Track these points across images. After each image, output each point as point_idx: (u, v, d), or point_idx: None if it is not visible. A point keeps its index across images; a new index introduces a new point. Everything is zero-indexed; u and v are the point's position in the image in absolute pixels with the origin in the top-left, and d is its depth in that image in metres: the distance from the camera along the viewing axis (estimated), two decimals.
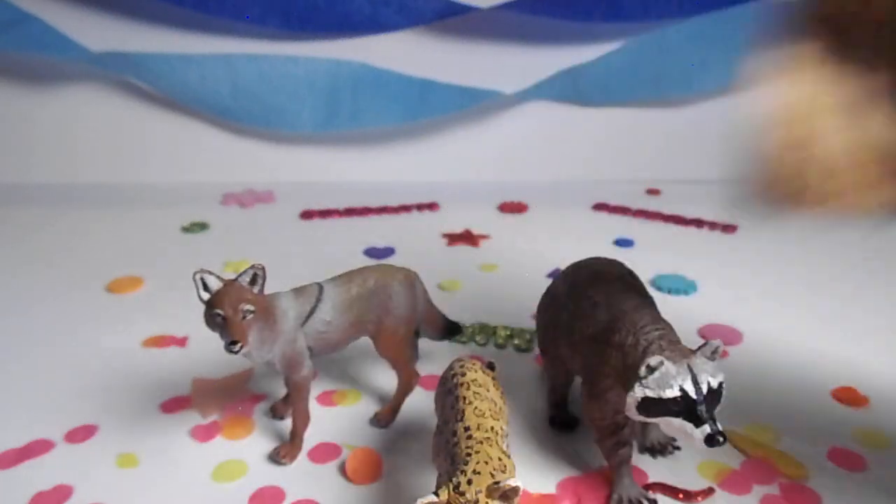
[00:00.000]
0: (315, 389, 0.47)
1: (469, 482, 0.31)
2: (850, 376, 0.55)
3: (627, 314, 0.40)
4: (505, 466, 0.33)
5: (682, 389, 0.35)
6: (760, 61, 0.34)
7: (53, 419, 0.50)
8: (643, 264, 0.59)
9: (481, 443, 0.33)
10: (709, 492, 0.42)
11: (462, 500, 0.30)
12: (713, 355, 0.37)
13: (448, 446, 0.35)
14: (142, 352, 0.60)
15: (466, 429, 0.35)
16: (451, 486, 0.31)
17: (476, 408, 0.36)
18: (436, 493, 0.30)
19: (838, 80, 0.30)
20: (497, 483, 0.30)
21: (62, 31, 1.06)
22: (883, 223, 0.22)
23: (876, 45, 0.29)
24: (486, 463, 0.32)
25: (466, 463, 0.32)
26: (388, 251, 0.83)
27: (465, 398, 0.37)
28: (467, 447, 0.33)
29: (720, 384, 0.36)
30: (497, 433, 0.35)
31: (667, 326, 0.40)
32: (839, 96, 0.30)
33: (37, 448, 0.47)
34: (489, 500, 0.30)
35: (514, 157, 1.19)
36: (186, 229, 0.93)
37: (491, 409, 0.37)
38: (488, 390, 0.38)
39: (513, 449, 0.45)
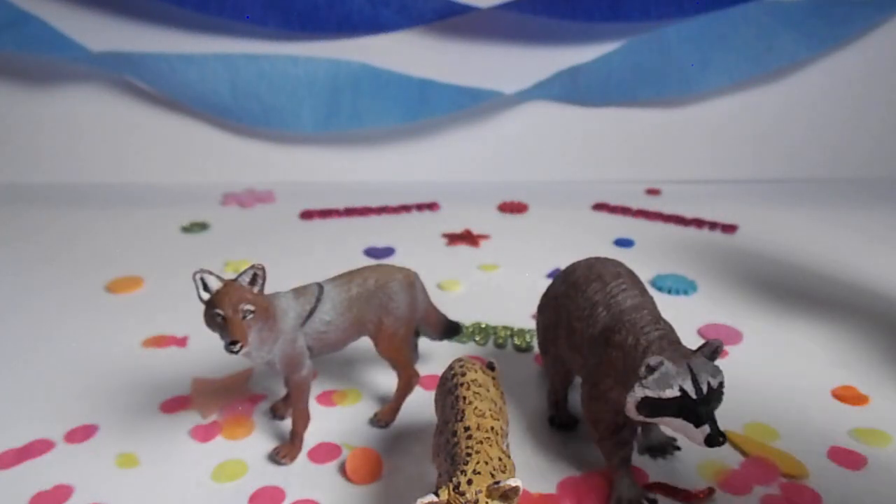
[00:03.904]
0: (315, 389, 0.47)
1: (469, 482, 0.31)
2: (850, 375, 0.55)
3: (627, 314, 0.40)
4: (505, 466, 0.33)
5: (682, 389, 0.35)
6: None
7: (53, 419, 0.50)
8: (643, 264, 0.59)
9: (481, 443, 0.33)
10: (709, 492, 0.42)
11: (462, 499, 0.30)
12: (713, 355, 0.37)
13: (448, 446, 0.35)
14: (142, 352, 0.60)
15: (466, 429, 0.35)
16: (451, 486, 0.31)
17: (476, 408, 0.36)
18: (436, 493, 0.30)
19: None
20: (497, 483, 0.30)
21: (62, 31, 1.06)
22: None
23: None
24: (486, 463, 0.32)
25: (466, 463, 0.32)
26: (388, 251, 0.83)
27: (465, 398, 0.37)
28: (467, 447, 0.33)
29: (720, 384, 0.36)
30: (497, 433, 0.35)
31: (667, 326, 0.40)
32: None
33: (37, 448, 0.46)
34: (489, 500, 0.30)
35: (514, 157, 1.19)
36: (186, 229, 0.93)
37: (491, 409, 0.36)
38: (488, 390, 0.38)
39: (513, 449, 0.45)
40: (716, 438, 0.35)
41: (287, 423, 0.47)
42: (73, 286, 0.74)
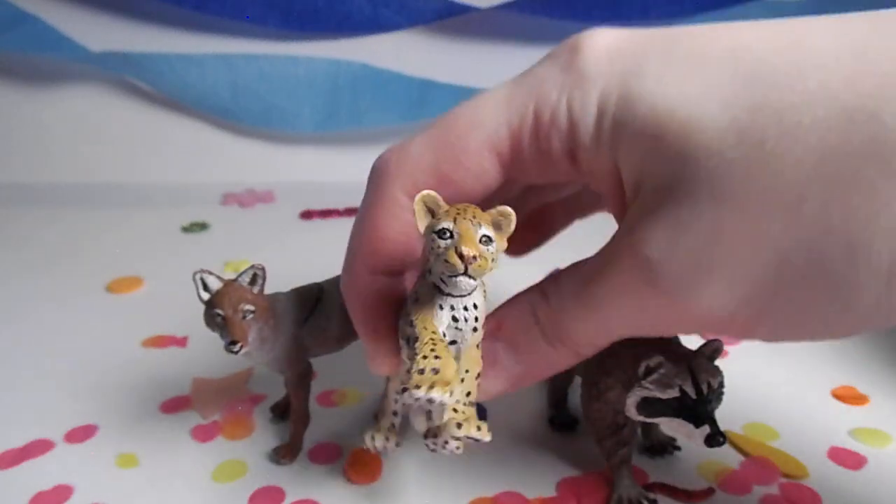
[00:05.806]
0: (315, 389, 0.47)
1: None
2: (850, 375, 0.55)
3: None
4: None
5: (681, 389, 0.35)
6: None
7: (53, 419, 0.50)
8: None
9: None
10: (709, 492, 0.42)
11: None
12: (713, 355, 0.37)
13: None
14: (142, 352, 0.60)
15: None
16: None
17: None
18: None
19: None
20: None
21: (62, 31, 1.07)
22: None
23: None
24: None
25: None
26: None
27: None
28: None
29: (720, 384, 0.36)
30: None
31: None
32: None
33: (37, 448, 0.47)
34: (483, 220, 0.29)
35: None
36: (186, 229, 0.93)
37: None
38: None
39: (513, 449, 0.45)
40: (716, 438, 0.35)
41: (287, 424, 0.47)
42: (74, 286, 0.74)
